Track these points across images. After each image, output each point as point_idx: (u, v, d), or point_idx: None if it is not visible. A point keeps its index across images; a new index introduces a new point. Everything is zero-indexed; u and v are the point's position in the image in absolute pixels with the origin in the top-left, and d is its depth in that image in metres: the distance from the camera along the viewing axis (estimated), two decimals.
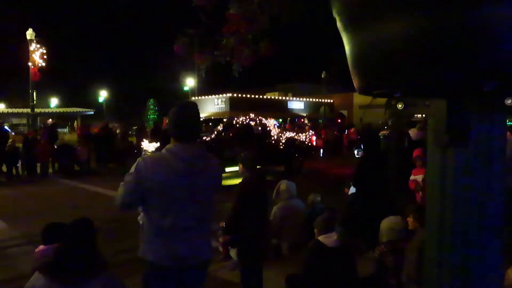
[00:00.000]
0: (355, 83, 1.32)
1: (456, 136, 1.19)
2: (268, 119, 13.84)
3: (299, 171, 13.39)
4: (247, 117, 13.29)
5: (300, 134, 14.70)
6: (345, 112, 36.44)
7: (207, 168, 2.56)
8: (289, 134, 14.21)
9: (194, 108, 2.56)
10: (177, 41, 4.68)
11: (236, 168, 10.92)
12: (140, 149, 13.20)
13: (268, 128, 13.42)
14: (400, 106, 1.28)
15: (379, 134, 9.01)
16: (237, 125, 12.73)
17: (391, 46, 1.12)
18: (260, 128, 13.12)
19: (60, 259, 2.43)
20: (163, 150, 2.51)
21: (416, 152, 5.70)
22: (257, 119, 13.40)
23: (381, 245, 3.84)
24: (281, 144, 13.34)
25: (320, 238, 3.65)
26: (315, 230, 3.84)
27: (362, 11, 1.18)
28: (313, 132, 16.34)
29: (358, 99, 35.21)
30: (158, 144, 11.88)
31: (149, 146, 12.71)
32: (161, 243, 2.44)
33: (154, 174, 2.39)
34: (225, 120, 13.09)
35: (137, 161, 2.47)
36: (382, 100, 1.43)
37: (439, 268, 1.28)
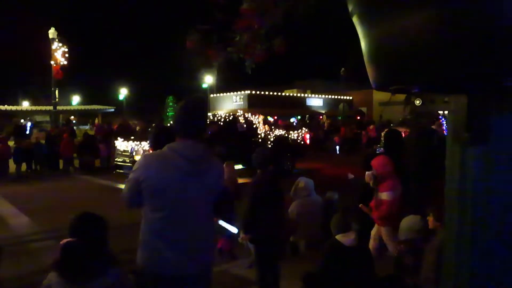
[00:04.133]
0: (371, 78, 1.28)
1: (476, 133, 1.15)
2: (257, 116, 13.08)
3: (290, 172, 12.15)
4: (231, 113, 12.57)
5: (292, 132, 13.75)
6: (364, 109, 36.05)
7: (210, 170, 2.40)
8: (278, 132, 13.24)
9: (201, 104, 2.42)
10: (189, 37, 4.66)
11: None
12: None
13: (254, 126, 12.55)
14: (418, 102, 1.24)
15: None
16: (219, 122, 11.94)
17: (408, 40, 1.08)
18: (245, 126, 12.23)
19: (67, 256, 2.44)
20: (165, 148, 2.35)
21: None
22: (243, 115, 12.62)
23: (400, 244, 3.78)
24: (269, 142, 12.40)
25: (338, 237, 3.61)
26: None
27: (378, 4, 1.14)
28: (306, 130, 15.61)
29: (378, 95, 34.78)
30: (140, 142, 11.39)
31: (121, 145, 11.97)
32: (156, 247, 2.29)
33: (154, 172, 2.26)
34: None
35: (140, 158, 2.38)
36: (402, 97, 1.40)
37: (458, 269, 1.24)
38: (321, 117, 34.16)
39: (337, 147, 19.41)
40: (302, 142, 13.91)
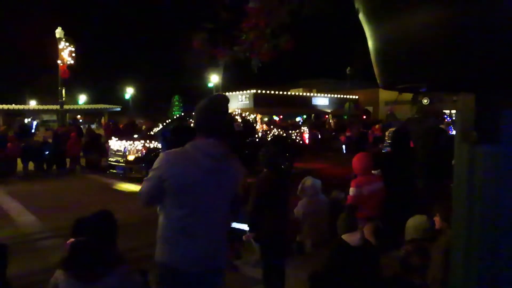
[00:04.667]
0: (378, 77, 1.27)
1: (485, 132, 1.13)
2: (255, 115, 12.75)
3: (289, 172, 11.58)
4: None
5: (290, 131, 13.38)
6: (370, 108, 35.93)
7: (230, 168, 2.45)
8: (276, 131, 12.79)
9: (224, 102, 2.44)
10: (196, 36, 4.67)
11: None
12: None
13: (252, 125, 12.21)
14: (425, 101, 1.23)
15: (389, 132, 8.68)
16: None
17: (416, 37, 1.07)
18: (242, 125, 11.87)
19: (73, 255, 2.46)
20: (187, 146, 2.37)
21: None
22: (239, 115, 12.30)
23: (407, 244, 3.75)
24: (266, 142, 11.94)
25: (344, 236, 3.60)
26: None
27: (385, 1, 1.13)
28: (305, 129, 15.20)
29: (384, 95, 34.66)
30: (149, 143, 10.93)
31: (114, 144, 11.58)
32: (177, 244, 2.31)
33: (178, 169, 2.28)
34: None
35: (159, 156, 2.36)
36: (409, 96, 1.38)
37: (465, 270, 1.23)
38: (326, 116, 34.09)
39: (343, 146, 19.33)
40: (301, 142, 13.56)
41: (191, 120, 11.49)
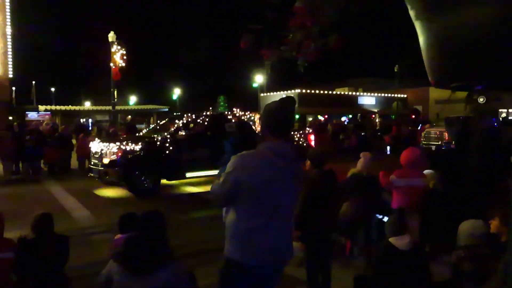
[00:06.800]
0: (430, 75, 1.22)
1: None
2: (254, 115, 12.07)
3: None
4: (219, 112, 11.59)
5: (293, 133, 12.38)
6: (419, 108, 34.70)
7: (298, 168, 2.60)
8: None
9: (293, 105, 2.55)
10: (243, 37, 4.72)
11: (200, 173, 10.14)
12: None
13: (248, 126, 11.33)
14: (482, 100, 1.18)
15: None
16: (203, 122, 10.99)
17: (473, 33, 1.02)
18: (234, 126, 10.80)
19: (129, 249, 2.56)
20: (261, 147, 2.44)
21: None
22: (233, 114, 11.53)
23: (459, 250, 3.58)
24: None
25: (392, 239, 3.50)
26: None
27: None
28: (310, 130, 14.31)
29: (435, 93, 33.34)
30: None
31: (94, 146, 10.81)
32: (251, 241, 2.39)
33: (253, 171, 2.35)
34: (187, 116, 11.18)
35: (232, 159, 2.41)
36: (461, 94, 1.32)
37: None
38: (373, 116, 33.27)
39: (388, 148, 18.67)
40: (305, 144, 12.62)
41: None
